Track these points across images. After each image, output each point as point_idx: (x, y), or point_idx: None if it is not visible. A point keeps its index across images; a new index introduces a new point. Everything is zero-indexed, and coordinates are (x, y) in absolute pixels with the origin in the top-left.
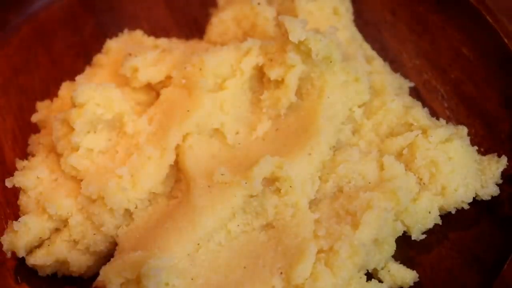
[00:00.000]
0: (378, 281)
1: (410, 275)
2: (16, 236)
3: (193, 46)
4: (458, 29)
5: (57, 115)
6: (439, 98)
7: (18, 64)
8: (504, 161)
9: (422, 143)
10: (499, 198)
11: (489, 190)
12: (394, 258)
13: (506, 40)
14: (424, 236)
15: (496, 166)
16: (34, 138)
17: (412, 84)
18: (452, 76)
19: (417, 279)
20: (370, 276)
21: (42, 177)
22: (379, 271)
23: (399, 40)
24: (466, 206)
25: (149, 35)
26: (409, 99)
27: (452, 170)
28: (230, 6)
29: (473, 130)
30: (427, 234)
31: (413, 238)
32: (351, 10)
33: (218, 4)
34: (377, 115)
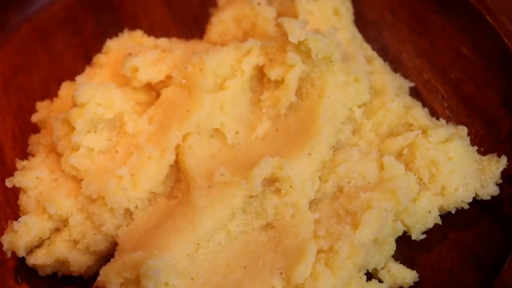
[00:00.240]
0: (378, 281)
1: (410, 275)
2: (16, 236)
3: (193, 46)
4: (458, 29)
5: (57, 115)
6: (439, 98)
7: (18, 64)
8: (504, 161)
9: (422, 143)
10: (499, 198)
11: (489, 190)
12: (394, 258)
13: (506, 40)
14: (424, 236)
15: (496, 166)
16: (34, 138)
17: (412, 84)
18: (452, 76)
19: (417, 279)
20: (370, 276)
21: (42, 177)
22: (379, 271)
23: (399, 40)
24: (466, 206)
25: (149, 35)
26: (409, 99)
27: (452, 170)
28: (230, 6)
29: (473, 130)
30: (427, 234)
31: (413, 238)
32: (352, 10)
33: (218, 4)
34: (377, 115)
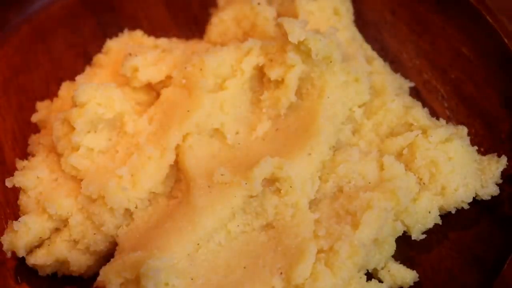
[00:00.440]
0: (378, 281)
1: (410, 275)
2: (16, 236)
3: (193, 46)
4: (458, 29)
5: (57, 115)
6: (439, 98)
7: (18, 64)
8: (504, 161)
9: (422, 143)
10: (499, 198)
11: (489, 190)
12: (394, 258)
13: (506, 40)
14: (424, 236)
15: (496, 166)
16: (34, 138)
17: (412, 84)
18: (452, 76)
19: (417, 279)
20: (370, 276)
21: (42, 177)
22: (379, 271)
23: (399, 40)
24: (466, 206)
25: (149, 35)
26: (409, 99)
27: (452, 170)
28: (230, 6)
29: (473, 130)
30: (427, 234)
31: (413, 238)
32: (352, 10)
33: (218, 4)
34: (377, 115)
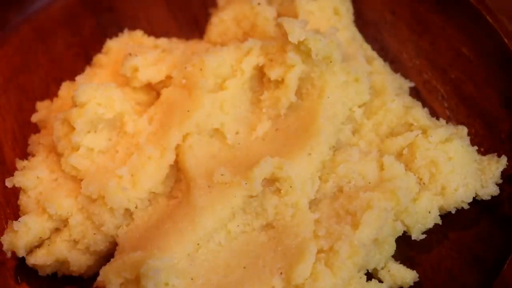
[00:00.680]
0: (378, 281)
1: (410, 275)
2: (16, 236)
3: (193, 46)
4: (458, 29)
5: (57, 115)
6: (439, 98)
7: (18, 64)
8: (504, 161)
9: (422, 143)
10: (499, 198)
11: (489, 190)
12: (394, 258)
13: (506, 40)
14: (424, 236)
15: (496, 166)
16: (34, 138)
17: (412, 84)
18: (452, 76)
19: (417, 279)
20: (370, 276)
21: (42, 177)
22: (379, 271)
23: (399, 40)
24: (466, 206)
25: (149, 35)
26: (409, 99)
27: (452, 170)
28: (230, 6)
29: (473, 130)
30: (427, 234)
31: (413, 238)
32: (352, 10)
33: (218, 4)
34: (377, 115)
